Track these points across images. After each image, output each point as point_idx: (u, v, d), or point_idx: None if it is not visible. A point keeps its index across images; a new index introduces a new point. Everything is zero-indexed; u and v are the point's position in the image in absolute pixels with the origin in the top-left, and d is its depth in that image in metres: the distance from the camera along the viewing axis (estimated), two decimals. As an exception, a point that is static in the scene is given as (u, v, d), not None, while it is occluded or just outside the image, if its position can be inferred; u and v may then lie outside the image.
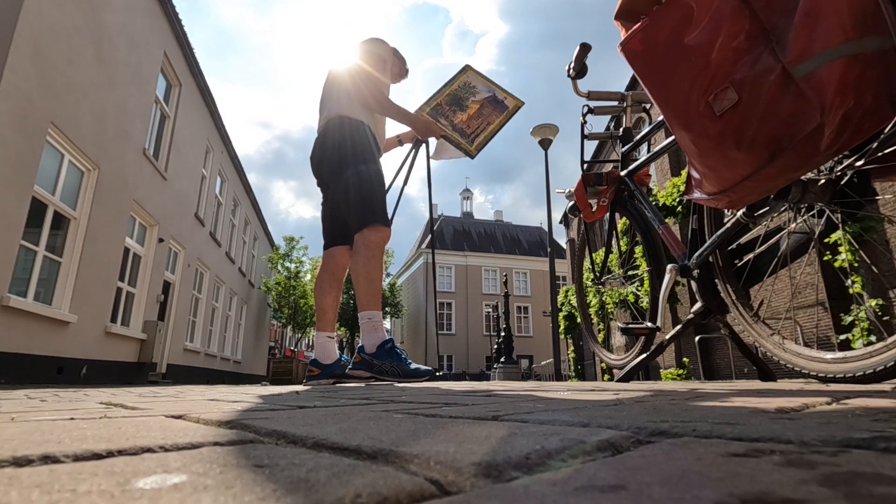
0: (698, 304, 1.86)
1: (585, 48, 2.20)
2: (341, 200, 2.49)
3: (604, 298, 6.64)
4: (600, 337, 9.34)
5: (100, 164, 6.75)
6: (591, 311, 7.41)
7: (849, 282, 5.57)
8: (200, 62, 11.27)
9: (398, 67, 2.86)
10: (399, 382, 2.26)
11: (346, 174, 2.44)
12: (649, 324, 2.07)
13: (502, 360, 11.75)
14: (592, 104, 2.38)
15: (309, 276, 22.11)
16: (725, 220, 1.71)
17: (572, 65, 2.23)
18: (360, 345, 2.42)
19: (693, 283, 1.87)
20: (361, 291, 2.39)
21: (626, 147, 2.31)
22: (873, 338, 4.97)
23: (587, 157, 2.52)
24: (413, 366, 2.32)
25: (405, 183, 2.93)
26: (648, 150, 2.29)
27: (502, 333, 12.36)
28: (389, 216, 2.66)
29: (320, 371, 2.47)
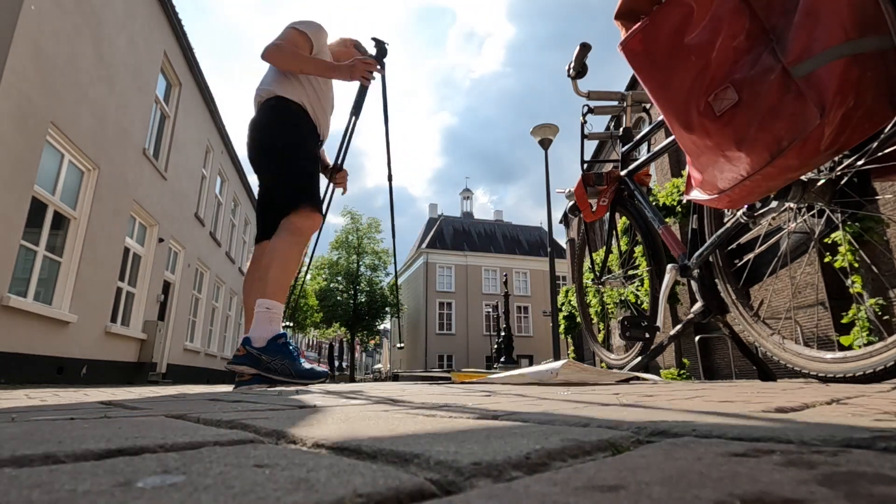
0: (698, 304, 1.86)
1: (585, 48, 2.20)
2: (271, 185, 2.34)
3: (604, 298, 6.64)
4: (600, 337, 9.33)
5: (100, 163, 6.75)
6: (591, 311, 7.40)
7: (849, 282, 5.56)
8: (206, 63, 11.30)
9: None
10: (290, 385, 2.00)
11: (276, 155, 2.29)
12: (647, 334, 2.07)
13: (502, 359, 11.75)
14: (592, 104, 2.38)
15: (309, 276, 22.14)
16: (725, 220, 1.71)
17: (572, 65, 2.23)
18: (244, 336, 2.12)
19: (693, 283, 1.87)
20: (271, 277, 2.10)
21: (626, 147, 2.31)
22: (874, 337, 4.97)
23: (587, 157, 2.52)
24: (307, 366, 2.11)
25: (353, 126, 2.73)
26: (648, 150, 2.29)
27: (502, 333, 12.36)
28: (338, 162, 2.61)
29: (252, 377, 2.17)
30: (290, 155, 2.28)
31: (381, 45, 2.62)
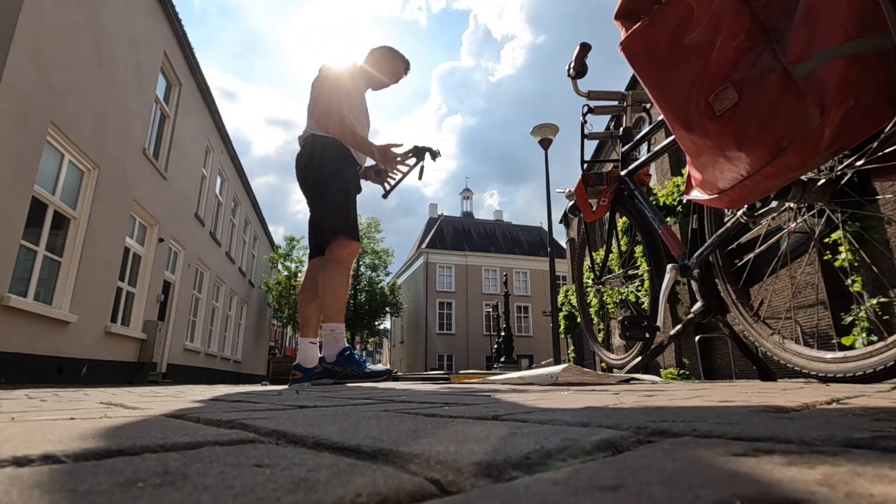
0: (698, 304, 1.86)
1: (585, 48, 2.20)
2: (315, 215, 2.66)
3: (604, 298, 6.64)
4: (600, 336, 9.33)
5: (100, 164, 6.75)
6: (591, 310, 7.41)
7: (849, 281, 5.56)
8: (226, 65, 11.32)
9: (390, 69, 2.87)
10: (361, 383, 2.41)
11: (317, 190, 2.61)
12: (647, 334, 2.06)
13: (502, 359, 11.75)
14: (592, 104, 2.38)
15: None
16: (725, 219, 1.70)
17: (572, 64, 2.23)
18: (321, 355, 2.55)
19: (693, 283, 1.87)
20: (326, 304, 2.53)
21: (626, 147, 2.31)
22: (874, 337, 4.97)
23: (587, 157, 2.52)
24: (370, 368, 2.55)
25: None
26: (648, 150, 2.29)
27: (502, 333, 12.37)
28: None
29: (303, 374, 2.57)
30: (325, 190, 2.57)
31: (419, 153, 2.85)
